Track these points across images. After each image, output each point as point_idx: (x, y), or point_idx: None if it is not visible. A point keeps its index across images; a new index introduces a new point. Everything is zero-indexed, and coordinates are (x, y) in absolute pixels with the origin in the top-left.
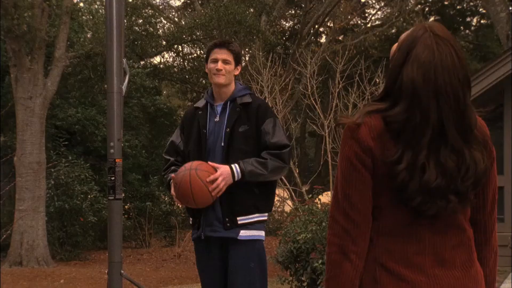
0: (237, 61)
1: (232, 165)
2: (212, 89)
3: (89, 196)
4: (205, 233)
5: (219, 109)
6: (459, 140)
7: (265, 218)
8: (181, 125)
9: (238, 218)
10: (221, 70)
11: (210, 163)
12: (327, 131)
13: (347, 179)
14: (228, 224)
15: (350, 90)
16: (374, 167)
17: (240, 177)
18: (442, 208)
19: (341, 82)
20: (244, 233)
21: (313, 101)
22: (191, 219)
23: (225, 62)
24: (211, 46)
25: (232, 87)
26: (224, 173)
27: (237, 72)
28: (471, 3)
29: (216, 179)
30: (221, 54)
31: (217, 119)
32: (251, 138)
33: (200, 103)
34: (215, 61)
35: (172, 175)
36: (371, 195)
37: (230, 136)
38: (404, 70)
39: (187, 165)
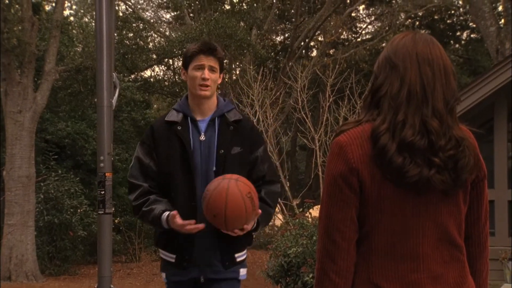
0: (222, 69)
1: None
2: (187, 100)
3: (78, 210)
4: (206, 275)
5: (203, 125)
6: (441, 103)
7: None
8: (148, 141)
9: (236, 256)
10: (208, 80)
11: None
12: (317, 144)
13: (330, 196)
14: (227, 263)
15: (340, 104)
16: (361, 185)
17: (252, 230)
18: (426, 174)
19: (331, 96)
20: (243, 272)
21: (304, 115)
22: (173, 256)
23: (212, 69)
24: (196, 51)
25: (215, 99)
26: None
27: (220, 81)
28: (461, 18)
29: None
30: (209, 61)
31: (202, 137)
32: (244, 163)
33: (175, 117)
34: (201, 67)
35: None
36: (356, 215)
37: (224, 159)
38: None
39: (224, 176)
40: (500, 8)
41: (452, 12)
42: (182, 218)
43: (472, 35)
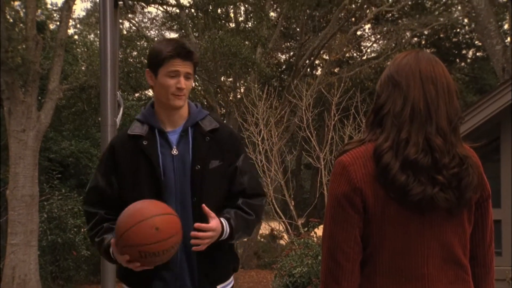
0: (195, 72)
1: (223, 222)
2: (153, 108)
3: (82, 230)
4: None
5: (174, 137)
6: (444, 121)
7: None
8: (107, 162)
9: (218, 287)
10: (183, 89)
11: (205, 207)
12: (322, 163)
13: (333, 217)
14: None
15: (346, 122)
16: (365, 205)
17: (225, 239)
18: (430, 192)
19: (336, 115)
20: None
21: (309, 134)
22: None
23: (187, 76)
24: (171, 55)
25: (186, 106)
26: (217, 230)
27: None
28: (467, 36)
29: (204, 231)
30: (185, 67)
31: (175, 151)
32: (223, 177)
33: (139, 130)
34: (176, 74)
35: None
36: (360, 235)
37: (201, 176)
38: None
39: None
40: (506, 27)
41: (458, 30)
42: None
43: (478, 53)
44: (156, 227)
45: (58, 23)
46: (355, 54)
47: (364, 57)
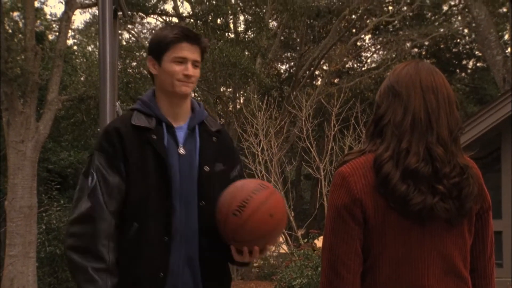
0: (202, 60)
1: None
2: (154, 98)
3: None
4: None
5: (181, 134)
6: (445, 131)
7: None
8: (112, 148)
9: None
10: (192, 77)
11: None
12: (322, 174)
13: (333, 229)
14: None
15: (345, 133)
16: (365, 216)
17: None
18: (430, 202)
19: (336, 125)
20: None
21: (309, 144)
22: None
23: (195, 64)
24: (178, 38)
25: (189, 102)
26: None
27: None
28: (467, 46)
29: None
30: (193, 52)
31: (181, 150)
32: (227, 183)
33: (144, 121)
34: (183, 61)
35: None
36: (360, 247)
37: (208, 180)
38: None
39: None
40: (506, 37)
41: (458, 41)
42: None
43: (478, 64)
44: (271, 214)
45: (57, 33)
46: (355, 65)
47: (364, 68)
